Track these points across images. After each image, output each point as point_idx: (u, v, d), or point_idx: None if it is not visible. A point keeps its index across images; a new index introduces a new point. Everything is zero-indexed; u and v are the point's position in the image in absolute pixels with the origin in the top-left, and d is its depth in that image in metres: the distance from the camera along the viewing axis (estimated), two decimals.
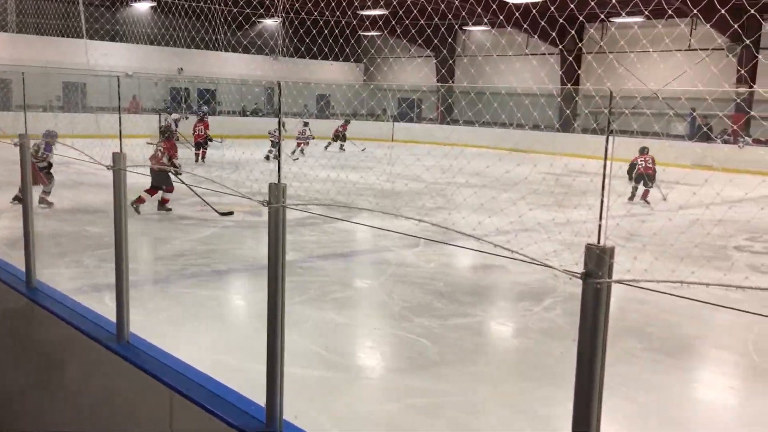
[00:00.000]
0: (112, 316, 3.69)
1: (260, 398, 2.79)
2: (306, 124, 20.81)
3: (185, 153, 18.32)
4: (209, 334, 5.50)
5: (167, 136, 10.92)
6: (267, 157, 18.99)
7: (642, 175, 13.37)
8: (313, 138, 20.59)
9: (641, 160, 13.55)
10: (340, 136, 23.74)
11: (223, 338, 5.42)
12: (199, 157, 18.17)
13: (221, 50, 25.44)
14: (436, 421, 4.16)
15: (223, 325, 5.81)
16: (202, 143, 18.20)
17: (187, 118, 19.08)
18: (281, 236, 2.62)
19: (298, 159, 19.04)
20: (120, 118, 3.77)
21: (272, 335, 2.63)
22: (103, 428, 3.65)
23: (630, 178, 13.55)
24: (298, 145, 20.75)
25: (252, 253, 8.28)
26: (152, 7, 28.06)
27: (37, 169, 10.27)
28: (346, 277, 7.54)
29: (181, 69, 28.87)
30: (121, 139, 3.76)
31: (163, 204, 10.68)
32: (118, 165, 3.53)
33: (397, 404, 4.41)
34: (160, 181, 10.38)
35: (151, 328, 5.29)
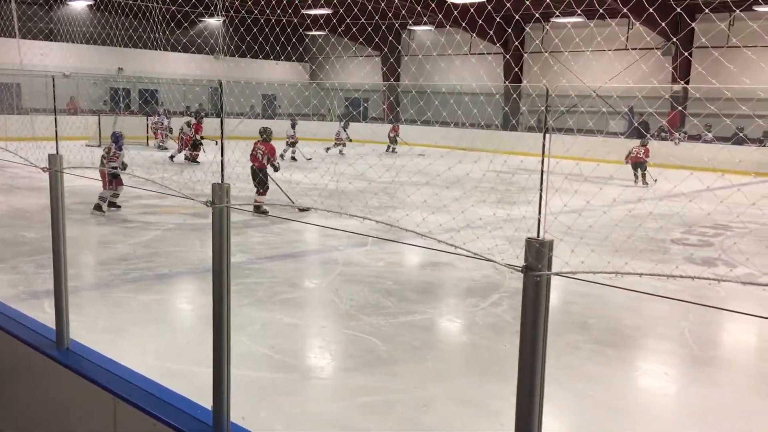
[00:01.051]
0: (51, 323, 3.58)
1: (207, 402, 2.75)
2: (294, 125, 21.02)
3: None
4: (153, 339, 5.39)
5: (265, 138, 11.28)
6: (281, 156, 19.39)
7: (635, 163, 16.62)
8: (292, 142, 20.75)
9: (635, 150, 16.72)
10: (392, 139, 23.63)
11: (167, 343, 5.32)
12: (189, 158, 18.71)
13: (161, 49, 24.95)
14: (387, 419, 4.18)
15: (168, 330, 5.70)
16: (195, 144, 18.75)
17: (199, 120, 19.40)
18: (226, 237, 2.58)
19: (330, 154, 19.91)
20: (56, 119, 3.66)
21: (218, 336, 2.60)
22: None
23: (633, 168, 16.83)
24: (336, 145, 20.97)
25: (197, 255, 8.15)
26: (89, 6, 27.29)
27: (104, 171, 10.45)
28: (295, 278, 7.50)
29: (121, 69, 28.15)
30: (57, 141, 3.66)
31: (258, 207, 10.86)
32: (54, 167, 3.43)
33: (347, 403, 4.41)
34: (259, 183, 10.94)
35: (93, 334, 5.17)
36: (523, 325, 1.78)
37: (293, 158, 20.43)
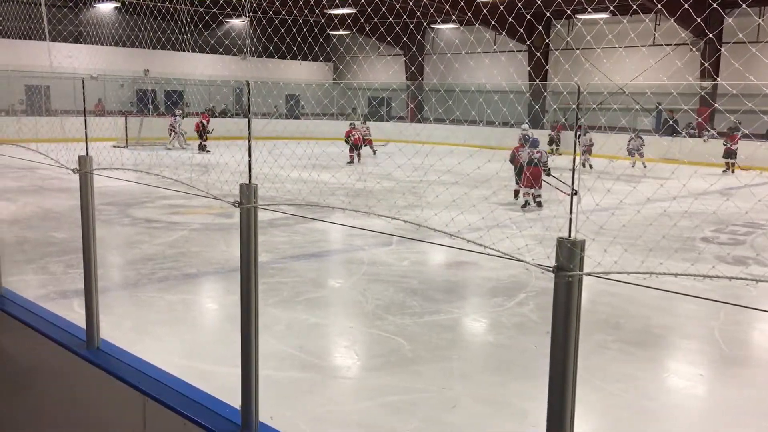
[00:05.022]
0: (81, 323, 3.62)
1: (234, 401, 2.76)
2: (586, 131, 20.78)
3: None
4: (180, 338, 5.44)
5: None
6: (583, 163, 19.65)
7: (728, 153, 18.65)
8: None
9: (727, 140, 18.70)
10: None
11: (194, 342, 5.36)
12: (356, 158, 19.97)
13: (187, 51, 25.19)
14: (411, 418, 4.17)
15: (195, 329, 5.75)
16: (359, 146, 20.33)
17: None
18: (253, 237, 2.59)
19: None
20: (85, 120, 3.70)
21: (246, 336, 2.61)
22: None
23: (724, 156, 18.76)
24: (367, 143, 21.18)
25: (223, 255, 8.20)
26: (116, 8, 27.66)
27: (541, 170, 11.82)
28: (319, 278, 7.51)
29: (147, 70, 28.48)
30: (87, 142, 3.70)
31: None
32: (84, 168, 3.47)
33: (372, 403, 4.40)
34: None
35: (121, 333, 5.23)
36: (555, 326, 1.75)
37: (590, 165, 19.18)
